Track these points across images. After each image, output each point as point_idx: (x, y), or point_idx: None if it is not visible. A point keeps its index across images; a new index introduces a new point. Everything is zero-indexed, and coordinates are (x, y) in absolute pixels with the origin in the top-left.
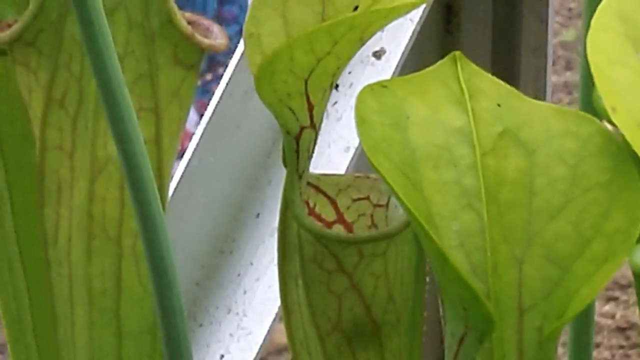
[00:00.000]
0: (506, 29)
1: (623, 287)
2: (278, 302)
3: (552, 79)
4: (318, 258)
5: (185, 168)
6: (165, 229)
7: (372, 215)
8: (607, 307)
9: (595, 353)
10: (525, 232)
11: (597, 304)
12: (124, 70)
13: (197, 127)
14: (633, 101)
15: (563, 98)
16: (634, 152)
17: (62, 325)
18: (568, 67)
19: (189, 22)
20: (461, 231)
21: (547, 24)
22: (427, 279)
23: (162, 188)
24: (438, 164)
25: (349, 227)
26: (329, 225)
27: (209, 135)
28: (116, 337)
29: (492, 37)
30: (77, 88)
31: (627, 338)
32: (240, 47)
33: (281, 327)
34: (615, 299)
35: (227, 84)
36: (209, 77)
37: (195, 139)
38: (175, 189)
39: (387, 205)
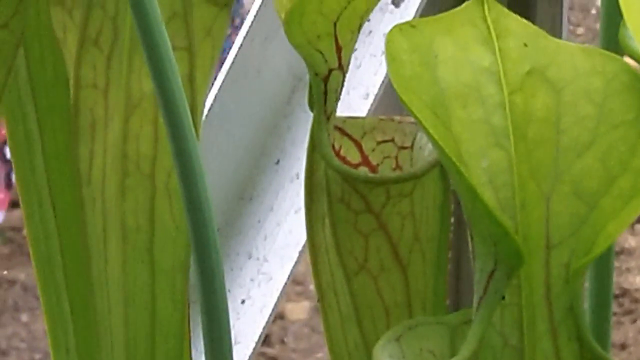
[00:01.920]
0: None
1: (616, 254)
2: (299, 248)
3: None
4: (345, 198)
5: (206, 114)
6: (201, 164)
7: (396, 158)
8: None
9: None
10: (552, 169)
11: None
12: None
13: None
14: None
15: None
16: None
17: (95, 263)
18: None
19: None
20: (490, 168)
21: None
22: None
23: (196, 125)
24: (466, 102)
25: (373, 169)
26: (354, 167)
27: (230, 82)
28: (149, 274)
29: None
30: (111, 27)
31: (621, 305)
32: None
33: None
34: None
35: (247, 31)
36: None
37: (216, 86)
38: None
39: (411, 147)
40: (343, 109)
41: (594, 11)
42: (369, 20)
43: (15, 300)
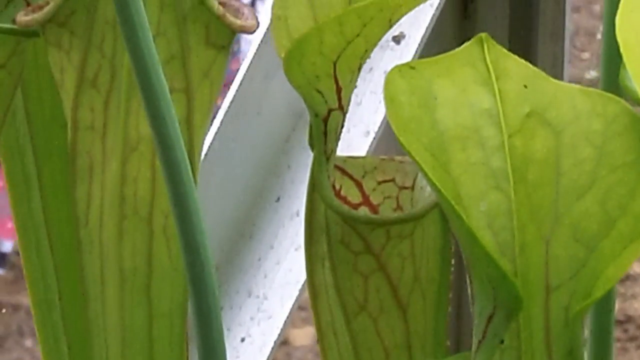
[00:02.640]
0: (523, 14)
1: (621, 280)
2: (298, 286)
3: None
4: (345, 239)
5: (206, 152)
6: (198, 207)
7: (397, 198)
8: None
9: None
10: (552, 211)
11: None
12: (156, 51)
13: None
14: None
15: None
16: None
17: (92, 306)
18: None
19: (220, 3)
20: (489, 211)
21: (564, 9)
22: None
23: (194, 168)
24: (466, 144)
25: (374, 210)
26: (355, 207)
27: (230, 120)
28: (147, 318)
29: (509, 23)
30: (109, 68)
31: (625, 331)
32: (260, 32)
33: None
34: None
35: (247, 68)
36: None
37: (216, 123)
38: None
39: (412, 187)
40: (343, 147)
41: (599, 36)
42: (369, 57)
43: (20, 325)
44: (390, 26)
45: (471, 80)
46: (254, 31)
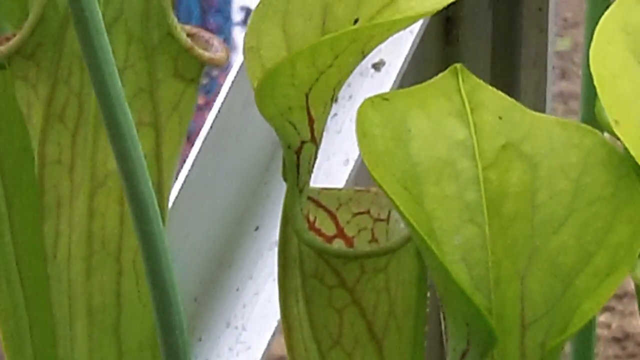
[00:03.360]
0: (506, 40)
1: (619, 298)
2: (277, 316)
3: None
4: (319, 273)
5: (184, 181)
6: (165, 245)
7: (372, 230)
8: (603, 318)
9: None
10: (527, 246)
11: None
12: (124, 84)
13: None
14: (636, 114)
15: (558, 107)
16: (636, 165)
17: (61, 342)
18: (563, 76)
19: (189, 35)
20: (463, 245)
21: (546, 35)
22: (428, 294)
23: (162, 203)
24: (440, 177)
25: (349, 242)
26: (330, 239)
27: (208, 148)
28: (116, 354)
29: (491, 49)
30: (76, 102)
31: (624, 348)
32: (240, 58)
33: (280, 338)
34: (611, 309)
35: (225, 96)
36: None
37: (194, 152)
38: (174, 202)
39: (387, 219)
40: (323, 175)
41: None
42: (349, 85)
43: None
44: (364, 57)
45: (446, 112)
46: (224, 63)
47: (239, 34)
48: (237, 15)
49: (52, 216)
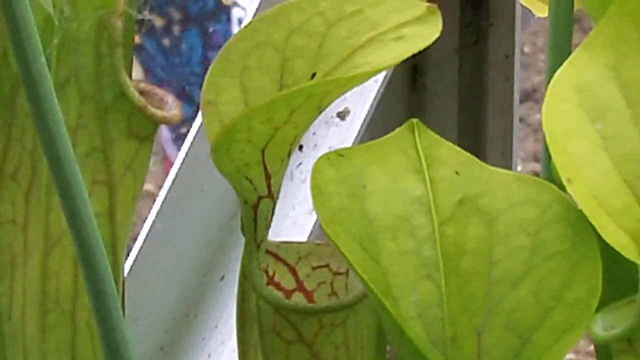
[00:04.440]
0: (472, 88)
1: (576, 352)
2: None
3: None
4: (277, 328)
5: (149, 231)
6: (118, 306)
7: (332, 283)
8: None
9: None
10: (484, 302)
11: None
12: (77, 143)
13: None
14: (589, 173)
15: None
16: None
17: None
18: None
19: (143, 92)
20: (420, 302)
21: (513, 83)
22: (388, 348)
23: (117, 263)
24: (396, 234)
25: (309, 296)
26: (289, 293)
27: (173, 198)
28: None
29: (458, 97)
30: (29, 162)
31: None
32: None
33: None
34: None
35: (189, 146)
36: None
37: (158, 202)
38: (139, 252)
39: (347, 273)
40: (288, 225)
41: None
42: (314, 134)
43: None
44: (320, 112)
45: (402, 168)
46: (178, 121)
47: None
48: None
49: (6, 275)
